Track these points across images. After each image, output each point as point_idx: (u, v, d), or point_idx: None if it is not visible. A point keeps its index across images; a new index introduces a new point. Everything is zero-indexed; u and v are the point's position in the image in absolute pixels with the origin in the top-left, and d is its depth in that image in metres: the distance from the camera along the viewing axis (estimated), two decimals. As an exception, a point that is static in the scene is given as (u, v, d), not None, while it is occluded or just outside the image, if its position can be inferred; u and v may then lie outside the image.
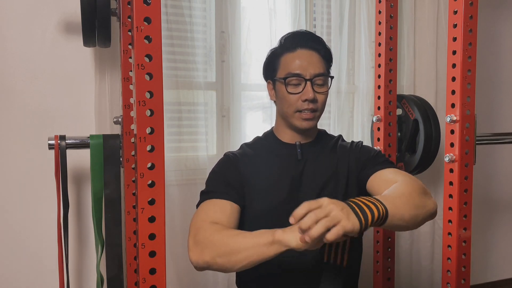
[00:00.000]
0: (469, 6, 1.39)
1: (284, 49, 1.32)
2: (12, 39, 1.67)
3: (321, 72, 1.29)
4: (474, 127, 1.44)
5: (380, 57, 1.84)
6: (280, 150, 1.35)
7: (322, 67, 1.30)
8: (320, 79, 1.29)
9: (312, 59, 1.29)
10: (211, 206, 1.21)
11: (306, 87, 1.27)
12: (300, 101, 1.28)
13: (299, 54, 1.29)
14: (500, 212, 2.69)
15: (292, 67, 1.28)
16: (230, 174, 1.30)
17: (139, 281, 0.95)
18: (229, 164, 1.33)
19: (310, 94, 1.26)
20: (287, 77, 1.28)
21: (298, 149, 1.34)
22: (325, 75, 1.30)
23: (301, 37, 1.33)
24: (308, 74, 1.27)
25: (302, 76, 1.27)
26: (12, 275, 1.71)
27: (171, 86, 1.86)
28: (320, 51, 1.32)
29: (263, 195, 1.28)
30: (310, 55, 1.30)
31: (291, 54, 1.30)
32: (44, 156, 1.66)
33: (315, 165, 1.33)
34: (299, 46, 1.30)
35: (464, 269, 1.45)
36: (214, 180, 1.31)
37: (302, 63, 1.28)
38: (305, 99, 1.27)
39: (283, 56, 1.31)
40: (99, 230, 1.51)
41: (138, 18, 0.90)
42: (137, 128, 0.92)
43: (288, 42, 1.33)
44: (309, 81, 1.27)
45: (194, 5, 1.89)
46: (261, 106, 2.07)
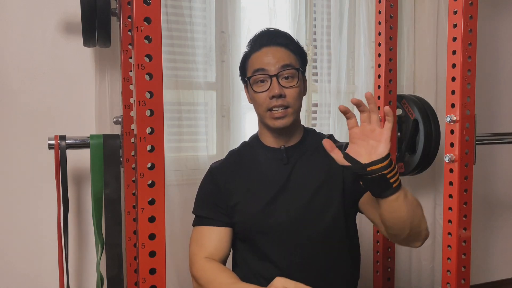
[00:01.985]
0: (469, 6, 1.39)
1: (251, 50, 1.29)
2: (12, 39, 1.67)
3: (287, 63, 1.23)
4: (474, 127, 1.44)
5: (380, 57, 1.84)
6: (265, 155, 1.30)
7: (289, 60, 1.24)
8: (288, 73, 1.22)
9: (277, 54, 1.24)
10: (200, 236, 1.28)
11: (272, 83, 1.21)
12: (268, 99, 1.22)
13: (264, 52, 1.25)
14: (500, 212, 2.69)
15: (257, 64, 1.24)
16: (214, 195, 1.29)
17: (139, 281, 0.95)
18: (211, 182, 1.31)
19: (276, 89, 1.20)
20: (252, 75, 1.24)
21: (283, 153, 1.28)
22: (291, 66, 1.23)
23: (265, 35, 1.28)
24: (273, 69, 1.22)
25: (267, 72, 1.22)
26: (12, 274, 1.71)
27: (171, 86, 1.86)
28: (288, 46, 1.26)
29: (249, 202, 1.26)
30: (276, 50, 1.24)
31: (257, 53, 1.26)
32: (44, 156, 1.66)
33: (304, 169, 1.27)
34: (264, 44, 1.26)
35: (464, 269, 1.45)
36: (200, 201, 1.33)
37: (267, 59, 1.23)
38: (271, 95, 1.21)
39: (250, 57, 1.28)
40: (99, 230, 1.51)
41: (138, 18, 0.90)
42: (137, 128, 0.92)
43: (254, 42, 1.29)
44: (274, 76, 1.21)
45: (194, 5, 1.89)
46: (261, 106, 2.07)
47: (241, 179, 1.29)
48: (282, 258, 1.24)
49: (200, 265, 1.23)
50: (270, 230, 1.25)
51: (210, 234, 1.27)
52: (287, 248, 1.24)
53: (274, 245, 1.25)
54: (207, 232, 1.27)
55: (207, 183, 1.33)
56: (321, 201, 1.25)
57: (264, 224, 1.25)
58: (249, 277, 1.27)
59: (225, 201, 1.28)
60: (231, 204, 1.28)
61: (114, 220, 1.49)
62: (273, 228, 1.24)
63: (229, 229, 1.28)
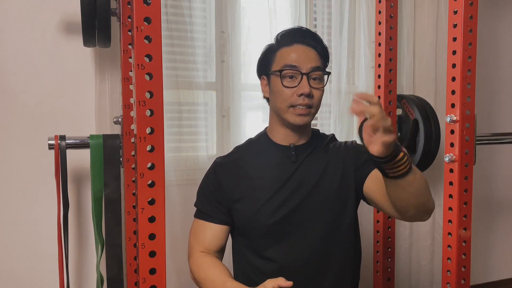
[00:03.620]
0: (469, 6, 1.39)
1: (280, 44, 1.29)
2: (12, 39, 1.67)
3: (318, 65, 1.25)
4: (474, 127, 1.44)
5: (380, 57, 1.84)
6: (273, 152, 1.31)
7: (319, 63, 1.26)
8: (316, 74, 1.25)
9: (309, 54, 1.25)
10: (198, 230, 1.32)
11: (302, 81, 1.22)
12: (295, 96, 1.22)
13: (295, 49, 1.26)
14: (500, 212, 2.69)
15: (289, 60, 1.24)
16: (214, 192, 1.31)
17: (139, 281, 0.95)
18: (214, 178, 1.33)
19: (306, 88, 1.21)
20: (283, 69, 1.24)
21: (292, 151, 1.29)
22: (322, 70, 1.26)
23: (298, 32, 1.29)
24: (305, 67, 1.23)
25: (299, 69, 1.23)
26: (12, 275, 1.71)
27: (171, 86, 1.86)
28: (317, 48, 1.28)
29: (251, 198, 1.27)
30: (307, 50, 1.26)
31: (288, 48, 1.26)
32: (44, 156, 1.66)
33: (309, 169, 1.28)
34: (296, 41, 1.27)
35: (464, 269, 1.45)
36: (201, 195, 1.35)
37: (299, 57, 1.24)
38: (300, 93, 1.21)
39: (279, 51, 1.28)
40: (99, 230, 1.51)
41: (138, 18, 0.90)
42: (137, 128, 0.92)
43: (285, 37, 1.29)
44: (305, 75, 1.22)
45: (194, 5, 1.89)
46: (261, 106, 2.06)
47: (245, 175, 1.30)
48: (282, 255, 1.25)
49: (195, 258, 1.28)
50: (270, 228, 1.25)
51: (207, 229, 1.31)
52: (288, 246, 1.25)
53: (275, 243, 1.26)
54: (204, 227, 1.31)
55: (210, 178, 1.34)
56: (322, 197, 1.26)
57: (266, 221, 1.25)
58: (248, 271, 1.30)
59: (226, 198, 1.29)
60: (233, 199, 1.29)
61: (114, 220, 1.49)
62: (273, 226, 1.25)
63: (225, 227, 1.31)
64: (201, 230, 1.31)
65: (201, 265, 1.27)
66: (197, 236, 1.31)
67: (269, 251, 1.26)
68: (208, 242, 1.30)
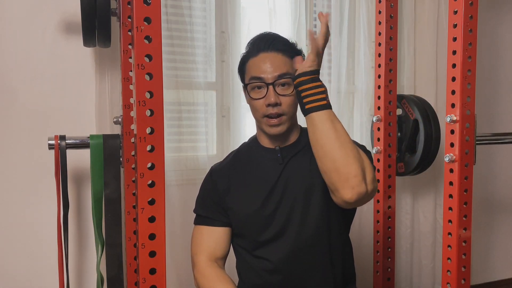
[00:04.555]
0: (469, 6, 1.39)
1: (249, 54, 1.29)
2: (12, 39, 1.67)
3: (283, 72, 1.23)
4: (474, 127, 1.44)
5: (380, 57, 1.84)
6: (261, 156, 1.33)
7: (286, 68, 1.24)
8: (284, 81, 1.22)
9: (275, 61, 1.23)
10: (200, 236, 1.32)
11: (268, 91, 1.22)
12: (264, 106, 1.23)
13: (261, 58, 1.25)
14: (500, 212, 2.69)
15: (254, 71, 1.25)
16: (213, 196, 1.33)
17: (139, 281, 0.95)
18: (211, 183, 1.35)
19: (271, 98, 1.21)
20: (249, 82, 1.25)
21: (278, 153, 1.30)
22: (288, 75, 1.23)
23: (262, 40, 1.28)
24: (270, 77, 1.22)
25: (264, 80, 1.23)
26: (12, 274, 1.71)
27: (171, 86, 1.86)
28: (286, 52, 1.26)
29: (243, 202, 1.30)
30: (273, 57, 1.24)
31: (254, 59, 1.26)
32: (44, 156, 1.66)
33: (293, 169, 1.28)
34: (262, 49, 1.26)
35: (464, 269, 1.45)
36: (201, 201, 1.37)
37: (263, 67, 1.23)
38: (267, 103, 1.22)
39: (248, 62, 1.28)
40: (99, 230, 1.51)
41: (138, 18, 0.90)
42: (137, 128, 0.92)
43: (252, 46, 1.29)
44: (270, 85, 1.22)
45: (194, 5, 1.89)
46: (261, 106, 2.07)
47: (238, 180, 1.32)
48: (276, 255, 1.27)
49: (201, 268, 1.28)
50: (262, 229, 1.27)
51: (209, 233, 1.31)
52: (279, 246, 1.27)
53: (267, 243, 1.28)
54: (206, 232, 1.32)
55: (207, 184, 1.37)
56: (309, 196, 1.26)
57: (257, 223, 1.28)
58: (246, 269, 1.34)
59: (223, 201, 1.32)
60: (228, 204, 1.31)
61: (114, 220, 1.49)
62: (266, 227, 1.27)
63: (227, 229, 1.32)
64: (204, 236, 1.32)
65: (207, 277, 1.27)
66: (200, 244, 1.31)
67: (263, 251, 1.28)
68: (213, 247, 1.30)
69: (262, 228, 1.27)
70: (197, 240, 1.32)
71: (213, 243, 1.30)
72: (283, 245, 1.26)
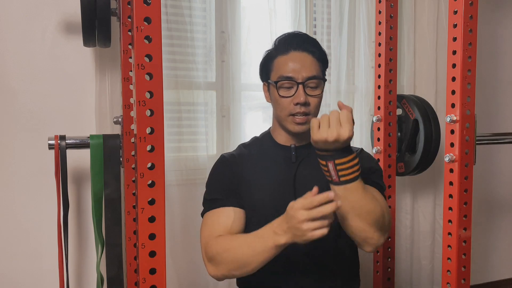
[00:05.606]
0: (469, 6, 1.39)
1: (278, 51, 1.30)
2: (12, 39, 1.67)
3: (314, 75, 1.27)
4: (474, 127, 1.43)
5: (380, 57, 1.84)
6: (275, 152, 1.34)
7: (316, 70, 1.28)
8: (313, 82, 1.26)
9: (305, 62, 1.27)
10: (215, 218, 1.26)
11: (298, 90, 1.25)
12: (292, 105, 1.25)
13: (291, 57, 1.27)
14: (500, 212, 2.69)
15: (284, 70, 1.26)
16: (227, 178, 1.31)
17: (139, 281, 0.95)
18: (224, 166, 1.34)
19: (301, 97, 1.24)
20: (279, 80, 1.26)
21: (292, 151, 1.32)
22: (317, 78, 1.27)
23: (294, 39, 1.30)
24: (300, 77, 1.25)
25: (294, 79, 1.25)
26: (12, 274, 1.71)
27: (171, 86, 1.86)
28: (315, 53, 1.29)
29: (256, 194, 1.29)
30: (303, 57, 1.27)
31: (284, 57, 1.28)
32: (44, 156, 1.66)
33: (309, 169, 1.30)
34: (292, 48, 1.28)
35: (464, 269, 1.45)
36: (213, 185, 1.34)
37: (295, 66, 1.26)
38: (296, 102, 1.25)
39: (276, 59, 1.29)
40: (99, 230, 1.51)
41: (138, 18, 0.90)
42: (137, 128, 0.92)
43: (282, 44, 1.31)
44: (301, 84, 1.25)
45: (194, 5, 1.89)
46: (261, 106, 2.07)
47: (250, 171, 1.32)
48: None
49: (213, 242, 1.21)
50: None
51: (226, 213, 1.26)
52: None
53: None
54: (222, 212, 1.27)
55: (219, 167, 1.35)
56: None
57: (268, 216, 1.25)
58: None
59: (237, 184, 1.30)
60: (241, 192, 1.30)
61: (114, 220, 1.49)
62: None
63: (242, 211, 1.29)
64: (221, 217, 1.26)
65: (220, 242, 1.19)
66: (216, 224, 1.25)
67: None
68: (230, 225, 1.24)
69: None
70: (211, 223, 1.26)
71: (229, 221, 1.25)
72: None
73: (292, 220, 1.03)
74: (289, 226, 1.05)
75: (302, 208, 1.01)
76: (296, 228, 1.03)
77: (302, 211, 1.01)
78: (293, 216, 1.03)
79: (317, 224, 1.01)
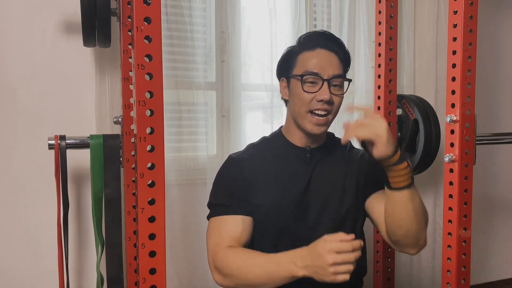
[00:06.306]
0: (469, 6, 1.39)
1: (303, 47, 1.28)
2: (12, 39, 1.67)
3: (340, 73, 1.25)
4: (474, 127, 1.44)
5: (380, 57, 1.84)
6: (288, 152, 1.31)
7: (341, 69, 1.26)
8: (337, 81, 1.24)
9: (331, 60, 1.25)
10: (223, 225, 1.22)
11: (323, 87, 1.22)
12: (314, 101, 1.22)
13: (318, 54, 1.25)
14: (500, 212, 2.69)
15: (310, 65, 1.23)
16: (236, 182, 1.26)
17: (139, 281, 0.95)
18: (233, 169, 1.29)
19: (326, 95, 1.21)
20: (304, 74, 1.23)
21: (307, 154, 1.30)
22: (343, 77, 1.26)
23: (321, 37, 1.28)
24: (326, 74, 1.22)
25: (320, 75, 1.22)
26: (12, 274, 1.71)
27: (171, 86, 1.86)
28: (339, 54, 1.27)
29: (270, 196, 1.26)
30: (329, 55, 1.25)
31: (310, 53, 1.26)
32: (44, 156, 1.66)
33: (323, 172, 1.30)
34: (319, 45, 1.26)
35: (464, 269, 1.45)
36: (220, 189, 1.29)
37: (321, 63, 1.23)
38: (320, 99, 1.21)
39: (301, 54, 1.27)
40: (99, 230, 1.51)
41: (138, 18, 0.90)
42: (137, 128, 0.92)
43: (308, 41, 1.28)
44: (326, 81, 1.22)
45: (194, 5, 1.89)
46: (261, 106, 2.07)
47: (263, 172, 1.28)
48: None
49: (223, 254, 1.17)
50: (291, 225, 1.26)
51: (234, 222, 1.22)
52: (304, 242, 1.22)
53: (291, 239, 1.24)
54: (230, 221, 1.22)
55: (229, 170, 1.30)
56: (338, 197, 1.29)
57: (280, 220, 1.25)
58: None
59: (246, 189, 1.25)
60: (251, 194, 1.25)
61: (114, 220, 1.49)
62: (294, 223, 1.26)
63: (251, 218, 1.25)
64: (228, 225, 1.21)
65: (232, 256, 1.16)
66: (223, 233, 1.21)
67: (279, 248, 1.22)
68: (239, 236, 1.20)
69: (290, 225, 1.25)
70: (219, 230, 1.21)
71: (238, 232, 1.21)
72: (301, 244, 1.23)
73: (319, 259, 1.01)
74: (314, 264, 1.02)
75: (332, 251, 0.99)
76: (321, 268, 1.00)
77: (333, 254, 0.99)
78: (321, 256, 1.00)
79: (343, 269, 0.99)
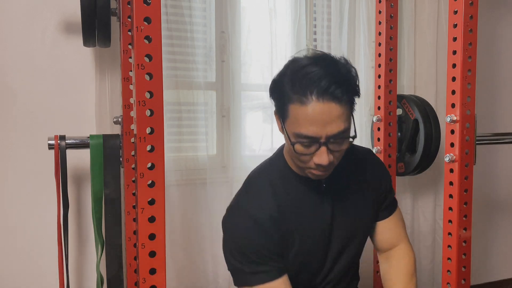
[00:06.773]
0: (469, 6, 1.39)
1: (294, 93, 0.99)
2: (12, 39, 1.67)
3: (340, 130, 0.99)
4: (474, 127, 1.44)
5: (380, 57, 1.84)
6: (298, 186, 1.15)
7: (344, 122, 1.00)
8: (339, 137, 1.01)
9: (331, 115, 0.97)
10: None
11: (320, 149, 1.00)
12: (312, 162, 1.03)
13: (313, 110, 0.97)
14: (500, 212, 2.69)
15: (303, 128, 0.99)
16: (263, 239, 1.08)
17: (139, 281, 0.95)
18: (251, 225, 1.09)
19: (324, 160, 1.00)
20: (296, 141, 1.01)
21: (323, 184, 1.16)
22: (344, 134, 1.01)
23: (317, 82, 0.97)
24: (324, 136, 0.99)
25: (316, 139, 1.00)
26: (12, 275, 1.71)
27: (171, 86, 1.86)
28: (342, 99, 0.98)
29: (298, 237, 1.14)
30: (328, 109, 0.97)
31: (303, 109, 0.98)
32: (44, 156, 1.66)
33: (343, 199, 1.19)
34: (315, 96, 0.97)
35: (464, 269, 1.45)
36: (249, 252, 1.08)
37: (317, 123, 0.98)
38: (318, 163, 1.02)
39: (292, 105, 1.00)
40: (99, 230, 1.51)
41: (138, 18, 0.90)
42: (137, 128, 0.92)
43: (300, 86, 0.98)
44: (324, 145, 1.00)
45: (194, 5, 1.89)
46: (261, 106, 2.07)
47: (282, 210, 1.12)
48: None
49: None
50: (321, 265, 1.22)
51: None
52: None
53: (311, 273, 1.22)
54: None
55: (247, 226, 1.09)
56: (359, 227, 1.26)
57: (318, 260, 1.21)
58: None
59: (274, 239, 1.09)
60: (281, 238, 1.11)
61: (114, 220, 1.49)
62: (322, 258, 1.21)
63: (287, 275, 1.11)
64: None
65: None
66: None
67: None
68: None
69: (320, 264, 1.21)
70: None
71: None
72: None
73: None
74: None
75: None
76: None
77: None
78: None
79: None
